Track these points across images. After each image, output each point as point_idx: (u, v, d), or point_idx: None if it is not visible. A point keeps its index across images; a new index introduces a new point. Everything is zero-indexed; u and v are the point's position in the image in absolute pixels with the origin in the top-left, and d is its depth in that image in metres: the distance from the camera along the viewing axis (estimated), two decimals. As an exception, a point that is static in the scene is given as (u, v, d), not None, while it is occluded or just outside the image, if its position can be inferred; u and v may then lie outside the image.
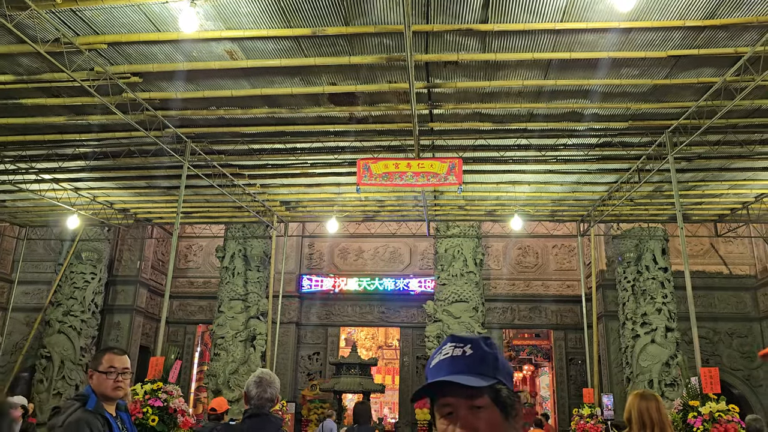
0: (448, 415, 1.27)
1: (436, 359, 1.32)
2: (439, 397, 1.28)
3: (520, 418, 1.30)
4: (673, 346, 14.36)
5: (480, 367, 1.27)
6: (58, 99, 9.57)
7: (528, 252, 19.46)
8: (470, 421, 1.24)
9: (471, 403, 1.25)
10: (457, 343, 1.31)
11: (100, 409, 2.85)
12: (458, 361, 1.28)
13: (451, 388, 1.25)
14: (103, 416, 2.83)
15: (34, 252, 18.48)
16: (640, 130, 10.39)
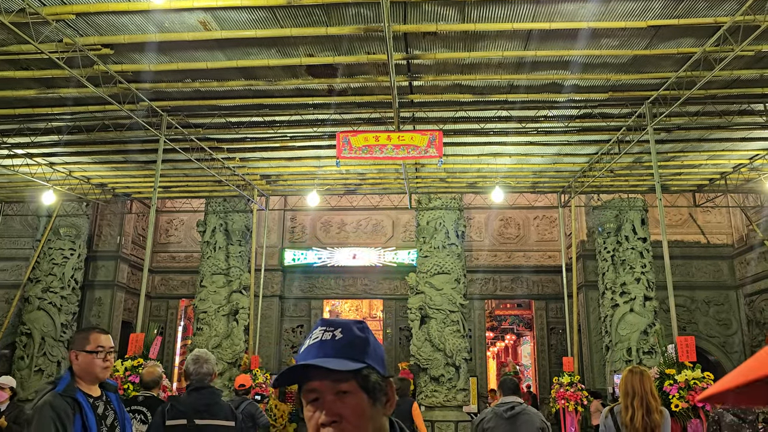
0: (313, 401, 1.23)
1: (305, 344, 1.28)
2: (305, 383, 1.24)
3: (391, 405, 1.28)
4: (651, 315, 14.60)
5: (349, 351, 1.24)
6: (28, 72, 9.30)
7: (509, 223, 19.55)
8: (335, 407, 1.21)
9: (337, 388, 1.21)
10: (327, 327, 1.28)
11: (70, 392, 2.81)
12: (326, 345, 1.24)
13: (317, 373, 1.21)
14: (73, 398, 2.78)
15: (11, 228, 18.19)
16: (620, 101, 10.37)
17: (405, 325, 19.17)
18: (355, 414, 1.20)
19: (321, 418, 1.20)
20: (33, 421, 2.67)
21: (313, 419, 1.22)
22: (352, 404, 1.21)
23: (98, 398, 2.97)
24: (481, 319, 19.23)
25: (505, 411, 4.86)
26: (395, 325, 19.48)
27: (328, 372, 1.20)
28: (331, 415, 1.20)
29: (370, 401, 1.22)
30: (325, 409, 1.20)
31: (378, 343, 1.29)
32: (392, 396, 1.27)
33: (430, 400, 14.55)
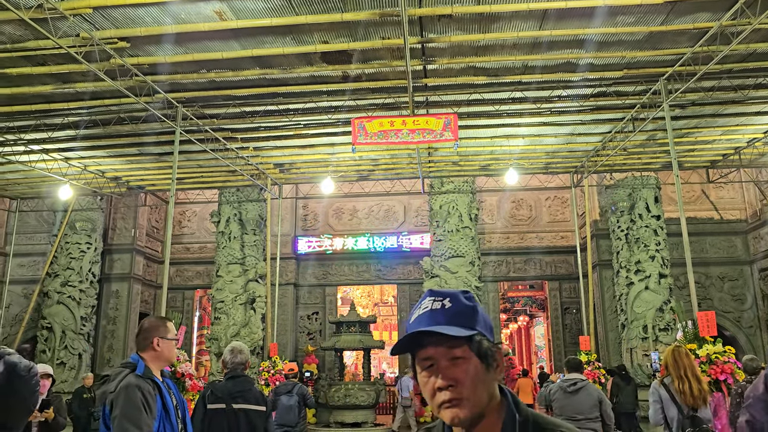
0: (428, 368, 1.28)
1: (415, 314, 1.32)
2: (420, 350, 1.29)
3: (501, 370, 1.32)
4: (666, 292, 14.65)
5: (459, 319, 1.27)
6: (44, 67, 9.35)
7: (521, 205, 19.57)
8: (451, 372, 1.25)
9: (451, 354, 1.26)
10: (436, 296, 1.32)
11: (149, 374, 2.94)
12: (437, 314, 1.28)
13: (431, 341, 1.26)
14: (153, 380, 2.92)
15: (27, 224, 18.34)
16: (635, 78, 10.35)
17: (419, 309, 19.27)
18: (470, 378, 1.25)
19: (438, 383, 1.25)
20: (120, 399, 2.78)
21: (429, 384, 1.27)
22: (467, 369, 1.26)
23: (162, 383, 3.08)
24: (495, 301, 19.32)
25: (568, 386, 5.63)
26: (410, 310, 19.55)
27: (442, 339, 1.25)
28: (447, 379, 1.25)
29: (483, 366, 1.27)
30: (441, 374, 1.25)
31: (485, 312, 1.35)
32: (501, 363, 1.32)
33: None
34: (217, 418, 4.08)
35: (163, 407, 2.91)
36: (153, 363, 3.03)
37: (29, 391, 1.94)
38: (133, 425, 2.74)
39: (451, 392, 1.24)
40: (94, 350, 17.08)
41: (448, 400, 1.24)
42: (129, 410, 2.77)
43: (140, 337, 3.10)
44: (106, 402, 2.90)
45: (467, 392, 1.25)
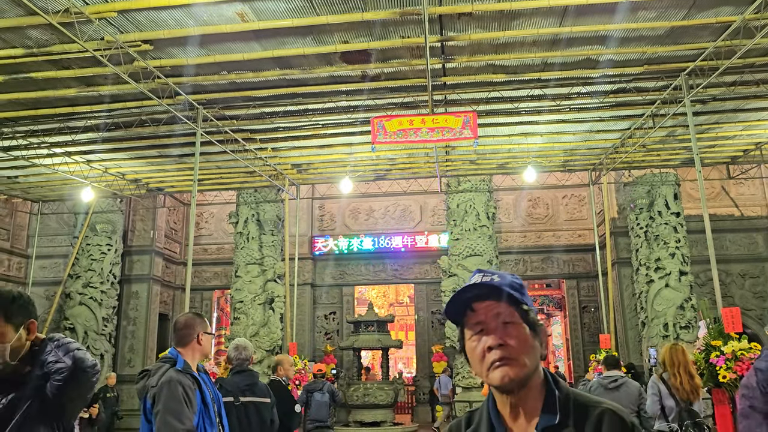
0: (479, 332, 1.32)
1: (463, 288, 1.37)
2: (471, 315, 1.33)
3: (546, 348, 1.36)
4: (687, 290, 14.54)
5: (511, 290, 1.33)
6: (69, 71, 9.48)
7: (538, 203, 19.52)
8: (502, 333, 1.29)
9: (503, 318, 1.30)
10: (485, 273, 1.37)
11: (188, 369, 3.00)
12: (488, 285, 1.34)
13: (482, 306, 1.32)
14: (192, 375, 2.96)
15: (48, 227, 18.58)
16: (656, 74, 10.29)
17: (436, 308, 19.31)
18: (520, 340, 1.30)
19: (489, 341, 1.29)
20: (162, 394, 2.84)
21: (479, 345, 1.31)
22: (517, 332, 1.30)
23: (199, 377, 3.14)
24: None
25: (608, 383, 5.68)
26: (427, 309, 19.62)
27: (493, 305, 1.30)
28: (498, 339, 1.29)
29: (532, 333, 1.32)
30: (492, 334, 1.30)
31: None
32: (545, 338, 1.37)
33: (468, 381, 14.66)
34: (228, 411, 4.20)
35: (202, 401, 2.96)
36: (191, 358, 3.10)
37: (89, 387, 2.01)
38: (175, 419, 2.80)
39: (502, 351, 1.28)
40: (116, 350, 17.26)
41: (499, 359, 1.28)
42: (171, 404, 2.83)
43: (182, 333, 3.15)
44: (147, 396, 2.96)
45: (517, 353, 1.29)
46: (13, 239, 18.08)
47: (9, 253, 17.80)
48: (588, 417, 1.25)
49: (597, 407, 1.27)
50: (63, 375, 1.91)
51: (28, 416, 1.86)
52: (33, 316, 1.93)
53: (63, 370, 1.91)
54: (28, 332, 1.90)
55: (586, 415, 1.25)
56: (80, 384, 1.96)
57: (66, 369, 1.91)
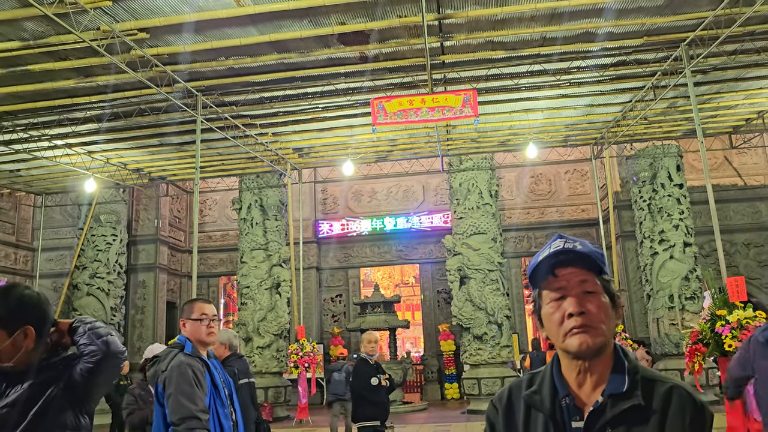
0: (558, 299, 1.33)
1: (545, 252, 1.36)
2: (552, 280, 1.34)
3: (620, 316, 1.37)
4: (691, 261, 14.57)
5: (591, 258, 1.33)
6: (66, 62, 9.46)
7: (540, 180, 19.50)
8: (583, 301, 1.30)
9: (582, 288, 1.31)
10: (566, 240, 1.36)
11: (197, 353, 3.04)
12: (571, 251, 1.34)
13: (564, 272, 1.32)
14: (201, 359, 3.01)
15: (52, 219, 18.65)
16: (656, 45, 10.22)
17: (442, 288, 19.40)
18: (600, 309, 1.30)
19: (570, 308, 1.30)
20: (173, 377, 2.91)
21: (558, 312, 1.32)
22: (597, 301, 1.31)
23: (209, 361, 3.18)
24: (518, 276, 19.35)
25: None
26: (432, 288, 19.71)
27: (576, 272, 1.31)
28: (579, 306, 1.30)
29: (611, 304, 1.33)
30: (573, 302, 1.30)
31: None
32: (620, 309, 1.38)
33: (475, 358, 14.78)
34: (242, 391, 4.55)
35: (212, 384, 3.01)
36: (194, 343, 3.15)
37: (117, 372, 2.07)
38: (188, 400, 2.86)
39: (582, 318, 1.29)
40: (125, 339, 17.42)
41: (578, 326, 1.29)
42: (183, 387, 2.89)
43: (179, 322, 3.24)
44: (158, 381, 3.01)
45: (597, 321, 1.29)
46: (18, 233, 18.17)
47: (15, 246, 17.91)
48: (655, 390, 1.25)
49: (666, 383, 1.26)
50: (96, 358, 1.95)
51: (51, 402, 1.90)
52: (31, 323, 1.93)
53: (96, 353, 1.95)
54: (25, 336, 1.92)
55: (653, 388, 1.26)
56: (110, 368, 2.01)
57: (99, 352, 1.95)
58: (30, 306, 1.96)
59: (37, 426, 1.87)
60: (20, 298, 1.95)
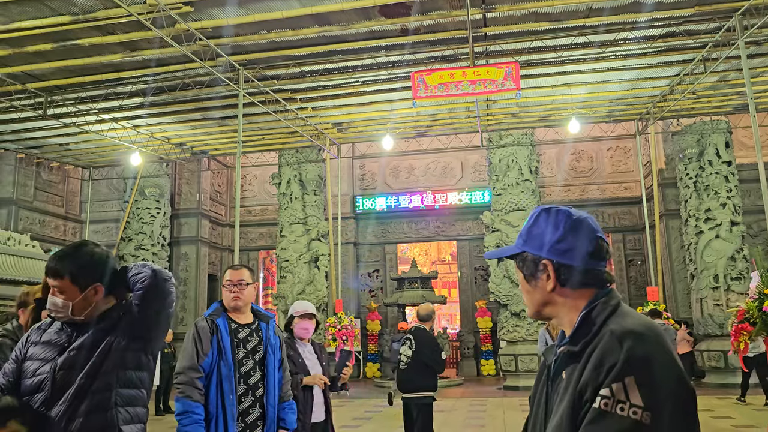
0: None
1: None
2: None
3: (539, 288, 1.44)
4: (738, 240, 14.18)
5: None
6: (114, 36, 9.66)
7: (582, 157, 19.15)
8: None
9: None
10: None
11: (213, 316, 3.24)
12: None
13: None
14: (213, 321, 3.20)
15: (99, 192, 19.21)
16: (707, 15, 9.85)
17: (479, 264, 19.36)
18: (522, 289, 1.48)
19: None
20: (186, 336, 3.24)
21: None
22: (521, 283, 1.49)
23: (246, 325, 3.30)
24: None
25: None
26: (470, 265, 19.68)
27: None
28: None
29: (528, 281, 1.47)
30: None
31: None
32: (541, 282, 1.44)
33: (512, 335, 14.77)
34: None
35: (217, 346, 3.13)
36: (227, 308, 3.32)
37: (170, 301, 2.18)
38: (182, 356, 3.16)
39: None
40: (169, 310, 17.91)
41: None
42: (185, 344, 3.19)
43: None
44: None
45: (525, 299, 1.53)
46: (67, 205, 18.79)
47: (64, 218, 18.53)
48: (598, 337, 1.26)
49: (607, 329, 1.25)
50: (145, 282, 2.06)
51: (113, 344, 2.01)
52: (101, 280, 2.04)
53: (145, 278, 2.06)
54: (95, 293, 2.02)
55: (599, 335, 1.26)
56: (161, 293, 2.11)
57: (147, 277, 2.07)
58: (100, 264, 2.06)
59: (101, 365, 1.97)
60: (91, 255, 2.05)
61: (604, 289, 1.35)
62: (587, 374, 1.19)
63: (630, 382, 1.12)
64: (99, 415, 1.95)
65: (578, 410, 1.19)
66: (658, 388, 1.12)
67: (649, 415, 1.10)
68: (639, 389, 1.11)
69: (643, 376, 1.13)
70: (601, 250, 1.36)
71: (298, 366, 3.97)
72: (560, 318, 1.38)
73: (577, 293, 1.35)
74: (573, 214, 1.40)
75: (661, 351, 1.18)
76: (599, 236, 1.37)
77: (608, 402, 1.13)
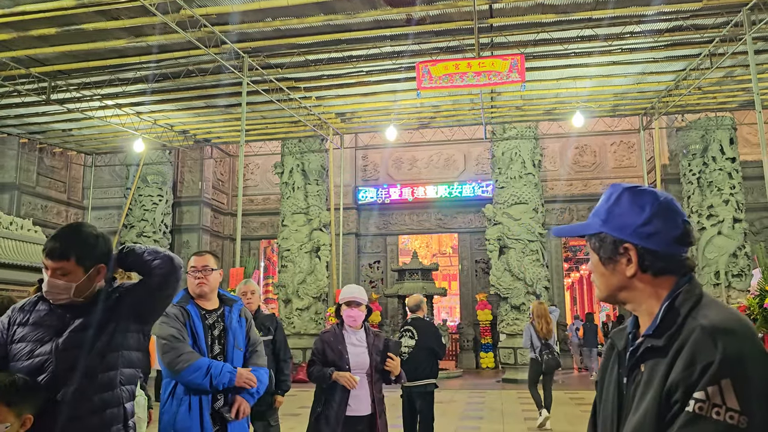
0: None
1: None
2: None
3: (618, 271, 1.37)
4: (740, 237, 14.17)
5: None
6: (118, 21, 9.62)
7: (585, 151, 19.10)
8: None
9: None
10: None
11: (182, 303, 3.18)
12: None
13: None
14: (184, 308, 3.15)
15: (101, 179, 19.22)
16: (715, 10, 9.80)
17: (480, 257, 19.35)
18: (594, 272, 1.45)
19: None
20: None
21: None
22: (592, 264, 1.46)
23: (213, 311, 3.27)
24: (558, 249, 19.14)
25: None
26: (471, 258, 19.68)
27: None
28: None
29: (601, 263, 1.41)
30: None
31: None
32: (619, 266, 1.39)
33: (512, 328, 14.78)
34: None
35: (191, 332, 3.11)
36: (192, 294, 3.26)
37: (177, 287, 2.19)
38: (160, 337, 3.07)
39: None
40: (170, 297, 17.95)
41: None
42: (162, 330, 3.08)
43: None
44: None
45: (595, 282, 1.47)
46: (69, 191, 18.80)
47: (66, 204, 18.54)
48: (683, 330, 1.22)
49: (696, 323, 1.20)
50: (163, 270, 2.05)
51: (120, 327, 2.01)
52: (103, 260, 2.03)
53: (162, 266, 2.06)
54: (98, 273, 2.01)
55: (683, 328, 1.23)
56: (176, 280, 2.13)
57: (165, 264, 2.07)
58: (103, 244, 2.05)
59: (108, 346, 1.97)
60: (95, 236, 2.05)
61: (685, 277, 1.29)
62: (677, 373, 1.14)
63: (726, 385, 1.08)
64: (107, 395, 1.98)
65: (665, 409, 1.15)
66: (754, 389, 1.09)
67: (745, 420, 1.06)
68: (735, 392, 1.08)
69: (739, 377, 1.09)
70: (688, 235, 1.29)
71: (335, 354, 3.79)
72: (636, 304, 1.32)
73: (658, 280, 1.29)
74: (660, 196, 1.32)
75: (754, 348, 1.13)
76: (685, 220, 1.30)
77: (703, 406, 1.09)
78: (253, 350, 3.34)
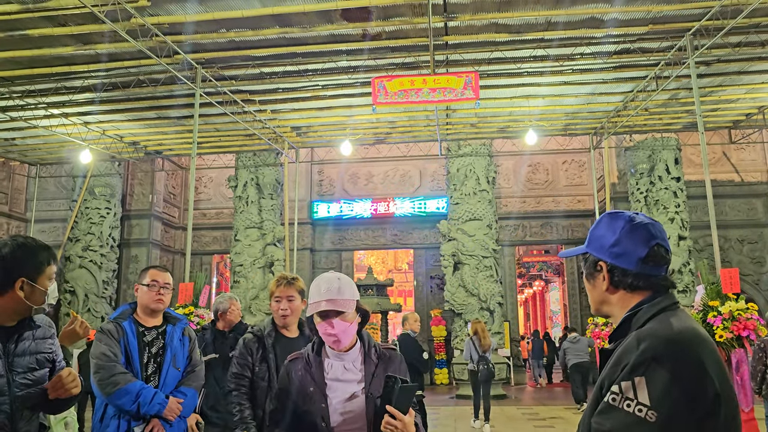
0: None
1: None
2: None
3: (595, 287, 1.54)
4: (685, 254, 14.62)
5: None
6: (66, 28, 9.33)
7: (538, 169, 19.47)
8: None
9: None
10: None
11: (120, 319, 3.10)
12: None
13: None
14: (120, 324, 3.06)
15: (46, 190, 18.53)
16: (660, 34, 10.16)
17: (435, 274, 19.40)
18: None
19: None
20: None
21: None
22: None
23: (153, 328, 3.16)
24: (512, 265, 19.37)
25: (572, 339, 10.90)
26: (426, 274, 19.72)
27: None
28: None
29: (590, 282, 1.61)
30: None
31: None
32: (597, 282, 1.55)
33: (466, 343, 14.82)
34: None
35: (124, 350, 3.01)
36: (140, 309, 3.17)
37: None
38: (92, 356, 2.99)
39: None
40: (117, 314, 17.36)
41: None
42: (95, 349, 2.99)
43: None
44: None
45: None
46: (11, 203, 18.04)
47: (8, 216, 17.79)
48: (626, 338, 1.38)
49: (634, 332, 1.35)
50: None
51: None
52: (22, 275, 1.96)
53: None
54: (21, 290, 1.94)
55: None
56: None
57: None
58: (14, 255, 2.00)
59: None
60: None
61: (658, 294, 1.40)
62: (606, 371, 1.31)
63: (640, 382, 1.21)
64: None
65: (598, 403, 1.30)
66: (666, 389, 1.19)
67: (654, 414, 1.18)
68: (648, 389, 1.20)
69: (653, 377, 1.21)
70: (656, 256, 1.40)
71: (306, 399, 2.05)
72: (615, 317, 1.46)
73: (629, 295, 1.42)
74: (633, 220, 1.44)
75: (680, 354, 1.22)
76: (657, 243, 1.40)
77: (616, 398, 1.23)
78: (191, 371, 3.22)
